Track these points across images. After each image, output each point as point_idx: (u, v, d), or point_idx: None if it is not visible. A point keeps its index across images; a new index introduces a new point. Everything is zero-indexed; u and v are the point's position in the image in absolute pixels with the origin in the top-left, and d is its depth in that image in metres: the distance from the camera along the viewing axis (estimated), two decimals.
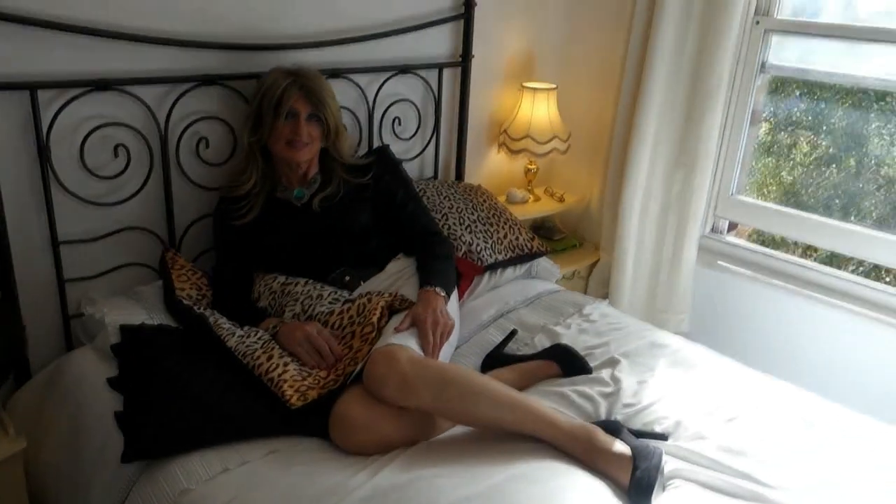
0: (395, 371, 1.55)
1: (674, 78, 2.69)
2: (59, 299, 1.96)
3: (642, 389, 1.81)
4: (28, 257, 1.88)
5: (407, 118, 2.61)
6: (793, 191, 2.83)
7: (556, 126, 2.85)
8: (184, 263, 2.03)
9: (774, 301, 2.75)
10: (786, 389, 1.88)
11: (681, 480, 1.51)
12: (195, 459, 1.47)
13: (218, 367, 1.68)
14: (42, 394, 1.86)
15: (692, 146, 2.72)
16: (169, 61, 1.98)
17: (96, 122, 1.89)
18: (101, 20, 1.84)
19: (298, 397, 1.57)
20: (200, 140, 2.09)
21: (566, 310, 2.25)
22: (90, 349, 1.89)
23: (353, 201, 2.08)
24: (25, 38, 1.74)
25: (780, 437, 1.66)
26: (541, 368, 1.90)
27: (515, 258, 2.43)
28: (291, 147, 1.96)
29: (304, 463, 1.48)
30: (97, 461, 1.60)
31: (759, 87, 2.74)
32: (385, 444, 1.54)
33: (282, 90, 1.93)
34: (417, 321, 1.76)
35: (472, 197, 2.53)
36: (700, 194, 2.75)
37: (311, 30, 2.25)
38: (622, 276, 2.93)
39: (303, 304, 1.88)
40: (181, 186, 2.10)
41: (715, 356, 2.02)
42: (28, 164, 1.83)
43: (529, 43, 2.97)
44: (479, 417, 1.58)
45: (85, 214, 1.95)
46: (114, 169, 1.95)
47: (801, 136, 2.80)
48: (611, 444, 1.53)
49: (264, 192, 2.04)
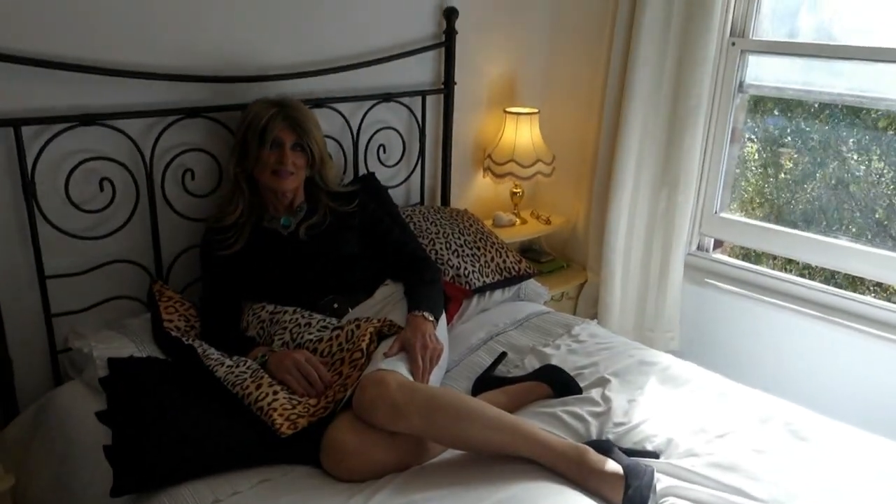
0: (385, 396, 1.55)
1: (654, 99, 2.73)
2: (46, 334, 1.95)
3: (633, 408, 1.82)
4: (14, 292, 1.88)
5: (391, 145, 2.63)
6: (775, 207, 2.86)
7: (540, 149, 2.88)
8: (172, 295, 2.03)
9: (763, 317, 2.77)
10: (776, 404, 1.88)
11: (673, 498, 1.51)
12: (185, 491, 1.46)
13: (207, 397, 1.67)
14: (30, 429, 1.84)
15: (675, 165, 2.75)
16: (153, 95, 2.00)
17: (81, 157, 1.90)
18: (84, 56, 1.86)
19: (289, 426, 1.56)
20: (186, 172, 2.11)
21: (555, 331, 2.26)
22: (78, 383, 1.88)
23: (339, 229, 2.09)
24: (9, 75, 1.75)
25: (772, 451, 1.67)
26: (531, 390, 1.91)
27: (503, 281, 2.44)
28: (277, 176, 1.98)
29: (295, 491, 1.47)
30: (86, 496, 1.59)
31: (738, 105, 2.78)
32: (377, 469, 1.53)
33: (266, 120, 1.95)
34: (406, 346, 1.76)
35: (459, 221, 2.55)
36: (684, 212, 2.78)
37: (293, 60, 2.28)
38: (610, 296, 2.94)
39: (292, 333, 1.88)
40: (167, 218, 2.11)
41: (704, 372, 2.03)
42: (13, 199, 1.83)
43: (511, 69, 3.02)
44: (470, 440, 1.57)
45: (71, 248, 1.95)
46: (99, 202, 1.96)
47: (781, 153, 2.84)
48: (602, 463, 1.53)
49: (251, 222, 2.04)
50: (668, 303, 2.90)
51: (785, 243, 2.74)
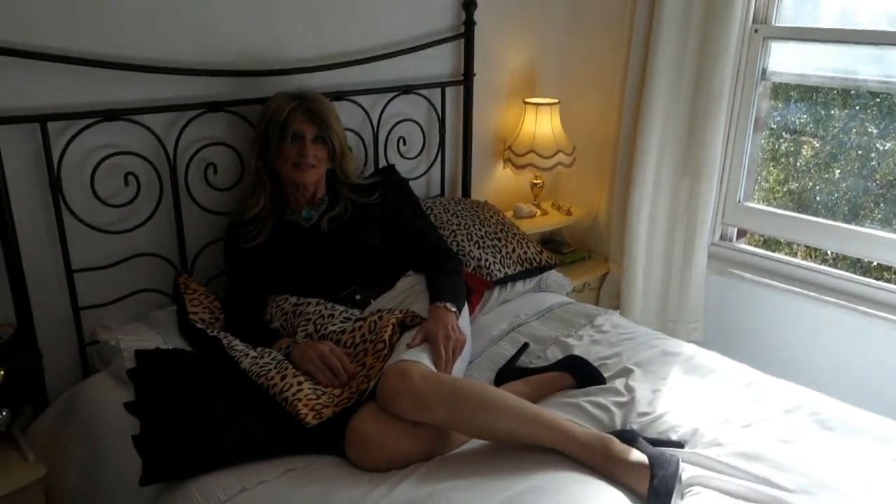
0: (408, 387, 1.55)
1: (676, 87, 2.71)
2: (74, 327, 1.98)
3: (657, 398, 1.81)
4: (43, 287, 1.91)
5: (412, 137, 2.63)
6: (799, 195, 2.83)
7: (560, 140, 2.87)
8: (196, 287, 2.05)
9: (788, 306, 2.74)
10: (802, 393, 1.86)
11: (700, 487, 1.50)
12: (213, 480, 1.48)
13: (233, 388, 1.69)
14: (60, 421, 1.87)
15: (697, 154, 2.73)
16: (175, 89, 2.02)
17: (106, 152, 1.92)
18: (108, 52, 1.88)
19: (314, 416, 1.58)
20: (208, 166, 2.12)
21: (577, 321, 2.26)
22: (106, 375, 1.90)
23: (360, 221, 2.10)
24: (35, 72, 1.77)
25: (798, 441, 1.65)
26: (554, 380, 1.90)
27: (525, 272, 2.44)
28: (298, 169, 1.99)
29: (321, 480, 1.48)
30: (116, 485, 1.61)
31: (761, 93, 2.75)
32: (401, 459, 1.54)
33: (287, 113, 1.96)
34: (429, 337, 1.77)
35: (480, 213, 2.55)
36: (707, 202, 2.76)
37: (313, 54, 2.29)
38: (633, 288, 2.93)
39: (315, 324, 1.89)
40: (191, 212, 2.13)
41: (728, 362, 2.02)
42: (41, 194, 1.86)
43: (530, 59, 3.00)
44: (494, 430, 1.57)
45: (97, 242, 1.97)
46: (124, 197, 1.98)
47: (805, 141, 2.81)
48: (627, 453, 1.53)
49: (273, 215, 2.06)
50: (691, 293, 2.88)
51: (810, 232, 2.70)
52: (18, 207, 1.81)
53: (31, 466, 1.65)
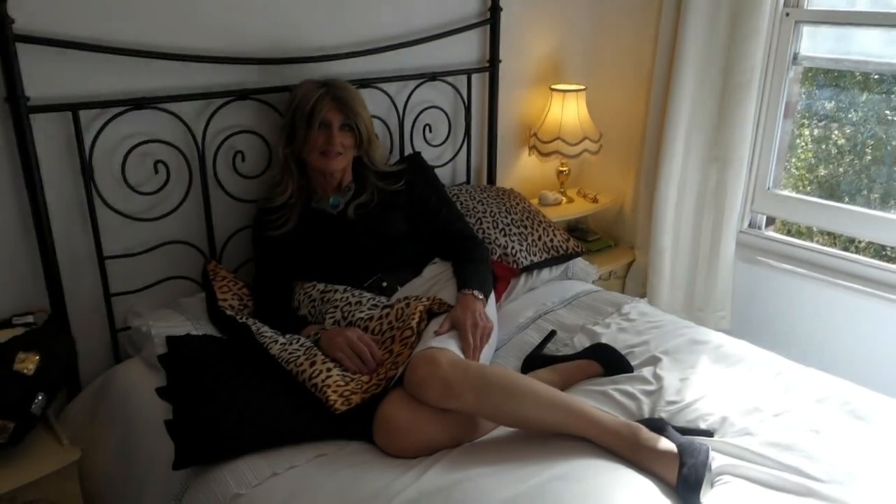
0: (437, 374, 1.55)
1: (705, 72, 2.67)
2: (106, 313, 2.01)
3: (685, 387, 1.80)
4: (75, 273, 1.94)
5: (437, 125, 2.63)
6: (830, 182, 2.79)
7: (587, 127, 2.85)
8: (225, 274, 2.07)
9: (817, 295, 2.71)
10: (833, 383, 1.84)
11: (729, 476, 1.49)
12: (244, 465, 1.50)
13: (262, 374, 1.71)
14: (92, 405, 1.91)
15: (726, 140, 2.69)
16: (203, 77, 2.03)
17: (136, 140, 1.94)
18: (138, 40, 1.89)
19: (342, 402, 1.59)
20: (236, 154, 2.13)
21: (604, 309, 2.24)
22: (138, 360, 1.93)
23: (387, 208, 2.10)
24: (66, 61, 1.79)
25: (829, 431, 1.63)
26: (582, 368, 1.90)
27: (551, 259, 2.43)
28: (325, 156, 1.99)
29: (350, 466, 1.50)
30: (148, 469, 1.64)
31: (792, 78, 2.71)
32: (429, 446, 1.55)
33: (314, 101, 1.96)
34: (457, 324, 1.77)
35: (506, 200, 2.54)
36: (735, 189, 2.73)
37: (339, 41, 2.29)
38: (659, 276, 2.91)
39: (342, 311, 1.90)
40: (220, 199, 2.14)
41: (757, 351, 2.00)
42: (73, 182, 1.88)
43: (556, 45, 2.98)
44: (522, 418, 1.57)
45: (128, 230, 2.00)
46: (154, 185, 2.00)
47: (835, 127, 2.76)
48: (656, 441, 1.52)
49: (300, 203, 2.07)
50: (718, 281, 2.85)
51: (840, 220, 2.66)
52: (51, 195, 1.83)
53: (66, 450, 1.68)
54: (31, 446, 1.66)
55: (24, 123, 1.72)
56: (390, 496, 1.39)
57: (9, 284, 1.85)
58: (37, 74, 1.75)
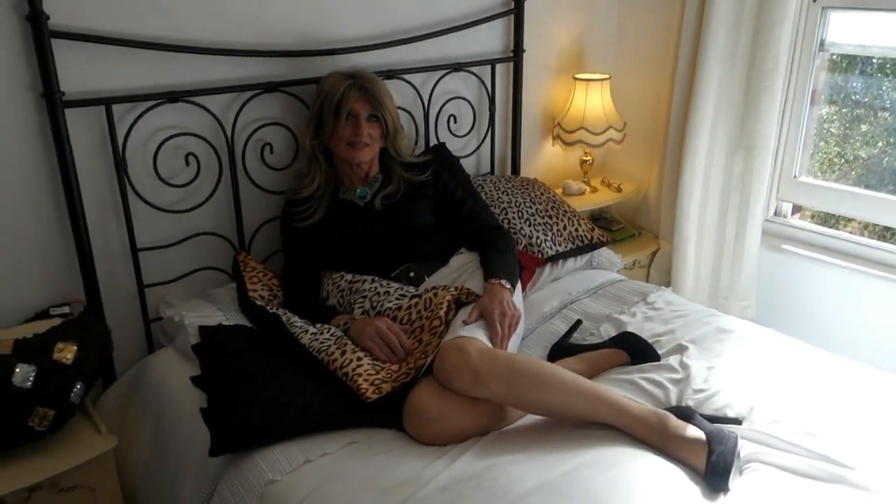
0: (466, 363, 1.57)
1: (730, 60, 2.65)
2: (139, 303, 2.04)
3: (712, 375, 1.80)
4: (109, 265, 1.98)
5: (462, 115, 2.64)
6: (858, 170, 2.76)
7: (611, 116, 2.84)
8: (255, 265, 2.10)
9: (843, 283, 2.69)
10: (859, 370, 1.84)
11: (758, 464, 1.50)
12: (277, 452, 1.53)
13: (293, 363, 1.73)
14: (127, 394, 1.95)
15: (751, 128, 2.68)
16: (232, 71, 2.06)
17: (168, 133, 1.97)
18: (169, 34, 1.92)
19: (373, 390, 1.61)
20: (265, 146, 2.16)
21: (630, 298, 2.25)
22: (171, 350, 1.97)
23: (414, 199, 2.12)
24: (100, 56, 1.83)
25: (857, 418, 1.63)
26: (608, 357, 1.91)
27: (576, 249, 2.43)
28: (353, 147, 2.01)
29: (381, 453, 1.52)
30: (184, 455, 1.68)
31: (819, 66, 2.68)
32: (458, 434, 1.57)
33: (341, 92, 1.98)
34: (485, 313, 1.78)
35: (530, 190, 2.55)
36: (761, 177, 2.71)
37: (364, 33, 2.30)
38: (684, 264, 2.90)
39: (371, 301, 1.93)
40: (248, 191, 2.17)
41: (783, 339, 2.00)
42: (106, 175, 1.92)
43: (580, 34, 2.97)
44: (550, 406, 1.59)
45: (160, 222, 2.03)
46: (185, 177, 2.03)
47: (864, 114, 2.73)
48: (684, 429, 1.53)
49: (328, 194, 2.09)
50: (743, 270, 2.84)
51: (870, 207, 2.64)
52: (86, 188, 1.87)
53: (104, 437, 1.72)
54: (70, 434, 1.70)
55: (60, 118, 1.76)
56: (423, 482, 1.41)
57: (45, 276, 1.89)
58: (71, 70, 1.78)
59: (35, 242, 1.85)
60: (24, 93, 1.75)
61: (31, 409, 1.60)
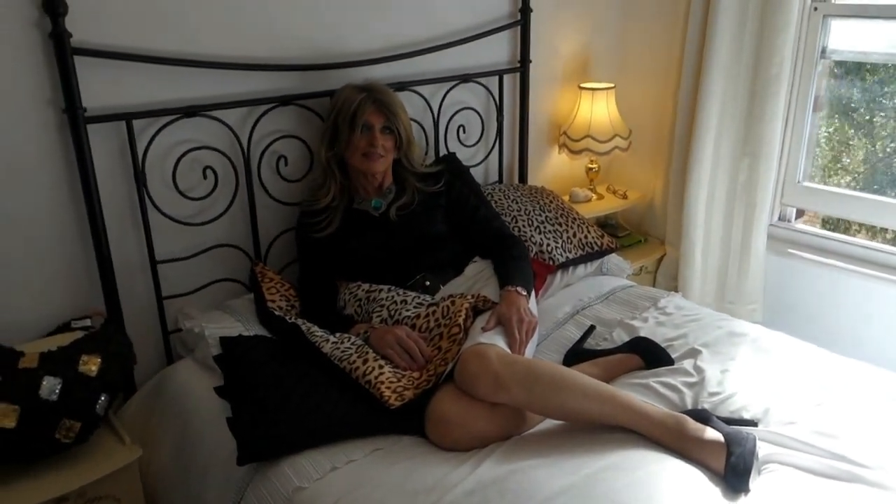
0: (487, 369, 1.60)
1: (734, 68, 2.70)
2: (158, 315, 2.07)
3: (726, 378, 1.83)
4: (129, 277, 2.00)
5: (470, 125, 2.67)
6: (860, 174, 2.80)
7: (617, 125, 2.88)
8: (273, 276, 2.13)
9: (847, 286, 2.72)
10: (870, 371, 1.87)
11: (776, 465, 1.52)
12: (304, 460, 1.55)
13: (315, 372, 1.75)
14: (148, 405, 1.96)
15: (756, 134, 2.72)
16: (247, 85, 2.09)
17: (186, 147, 2.00)
18: (186, 50, 1.95)
19: (396, 398, 1.63)
20: (280, 158, 2.19)
21: (641, 304, 2.28)
22: (190, 361, 1.99)
23: (427, 209, 2.15)
24: (120, 72, 1.85)
25: (871, 418, 1.66)
26: (623, 361, 1.93)
27: (586, 256, 2.46)
28: (368, 159, 2.04)
29: (406, 459, 1.54)
30: (208, 465, 1.69)
31: (821, 72, 2.72)
32: (479, 439, 1.59)
33: (356, 104, 2.01)
34: (503, 320, 1.81)
35: (539, 198, 2.58)
36: (766, 182, 2.75)
37: (376, 46, 2.34)
38: (690, 270, 2.93)
39: (389, 310, 1.95)
40: (264, 203, 2.20)
41: (795, 342, 2.02)
42: (126, 188, 1.95)
43: (585, 44, 3.01)
44: (569, 410, 1.61)
45: (178, 234, 2.05)
46: (203, 190, 2.06)
47: (865, 120, 2.77)
48: (702, 431, 1.55)
49: (342, 205, 2.12)
50: (750, 275, 2.88)
51: (873, 211, 2.68)
52: (106, 202, 1.89)
53: (128, 448, 1.73)
54: (95, 445, 1.72)
55: (82, 133, 1.78)
56: (448, 487, 1.43)
57: (66, 289, 1.91)
58: (92, 85, 1.81)
59: (56, 256, 1.88)
60: (46, 108, 1.77)
61: (57, 421, 1.61)
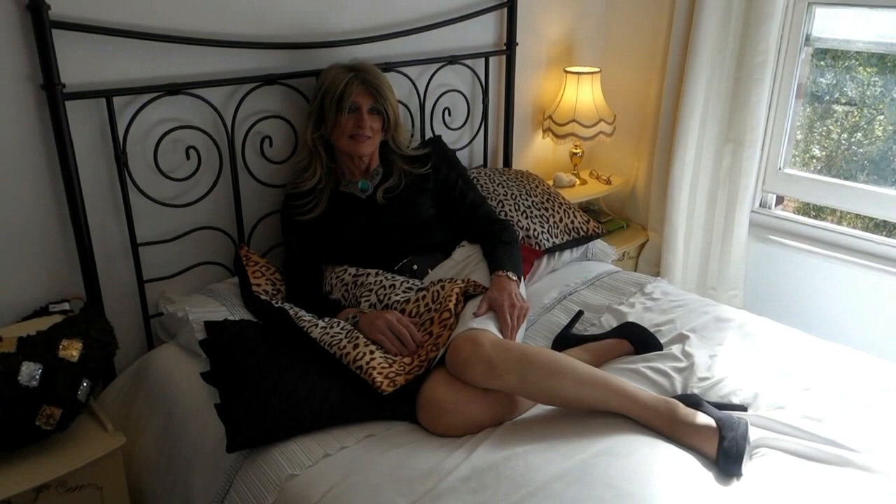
0: (480, 355, 1.58)
1: (720, 54, 2.70)
2: (139, 299, 2.02)
3: (714, 363, 1.84)
4: (109, 260, 1.95)
5: (456, 108, 2.64)
6: (838, 161, 2.83)
7: (602, 109, 2.87)
8: (258, 259, 2.08)
9: (828, 272, 2.76)
10: (855, 356, 1.90)
11: (766, 449, 1.54)
12: (295, 446, 1.52)
13: (305, 358, 1.72)
14: (130, 391, 1.92)
15: (740, 121, 2.73)
16: (232, 63, 2.03)
17: (168, 126, 1.94)
18: (170, 26, 1.89)
19: (388, 383, 1.61)
20: (264, 139, 2.14)
21: (627, 289, 2.28)
22: (173, 346, 1.95)
23: (415, 192, 2.12)
24: (101, 48, 1.79)
25: (858, 402, 1.68)
26: (612, 347, 1.93)
27: (572, 241, 2.46)
28: (355, 140, 2.01)
29: (399, 446, 1.53)
30: (195, 452, 1.66)
31: (804, 60, 2.74)
32: (472, 425, 1.58)
33: (344, 85, 1.97)
34: (495, 305, 1.79)
35: (525, 183, 2.56)
36: (750, 169, 2.76)
37: (362, 25, 2.29)
38: (673, 255, 2.95)
39: (377, 294, 1.92)
40: (248, 185, 2.15)
41: (780, 327, 2.05)
42: (106, 169, 1.89)
43: (571, 27, 2.99)
44: (562, 396, 1.60)
45: (160, 216, 2.00)
46: (186, 171, 2.00)
47: (846, 106, 2.79)
48: (694, 416, 1.56)
49: (329, 187, 2.08)
50: (731, 260, 2.90)
51: (852, 197, 2.71)
52: (86, 181, 1.83)
53: (111, 436, 1.68)
54: (76, 433, 1.67)
55: (61, 110, 1.72)
56: (444, 473, 1.42)
57: (45, 272, 1.85)
58: (71, 61, 1.74)
59: (34, 237, 1.82)
60: (23, 84, 1.71)
61: (37, 407, 1.56)
